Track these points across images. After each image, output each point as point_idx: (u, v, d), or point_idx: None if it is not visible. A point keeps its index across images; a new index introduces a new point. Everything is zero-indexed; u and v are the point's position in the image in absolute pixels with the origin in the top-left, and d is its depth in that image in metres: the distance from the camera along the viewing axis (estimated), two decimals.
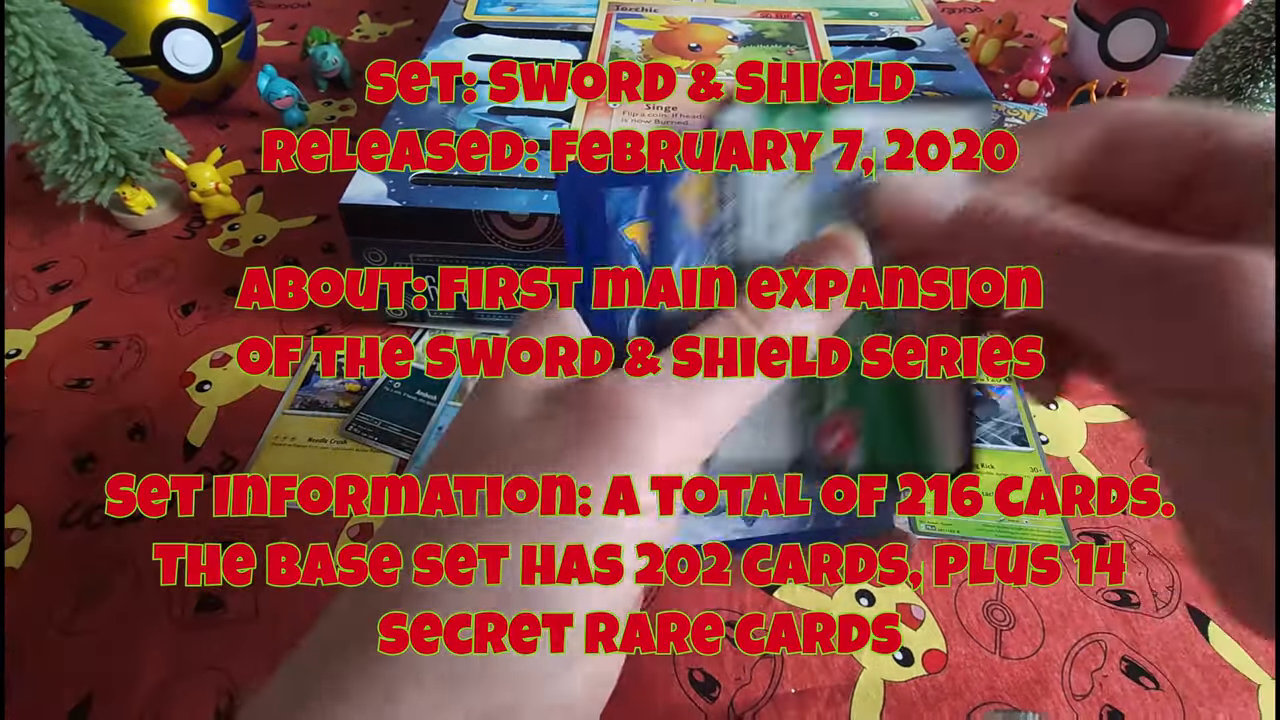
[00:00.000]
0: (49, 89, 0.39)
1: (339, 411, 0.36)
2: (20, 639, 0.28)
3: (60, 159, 0.41)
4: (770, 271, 0.20)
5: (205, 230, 0.47)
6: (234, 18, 0.53)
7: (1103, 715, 0.27)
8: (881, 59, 0.47)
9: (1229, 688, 0.27)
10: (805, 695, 0.27)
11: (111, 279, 0.43)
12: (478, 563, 0.15)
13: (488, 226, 0.34)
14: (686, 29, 0.49)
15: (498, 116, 0.40)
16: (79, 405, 0.36)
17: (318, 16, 0.72)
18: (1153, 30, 0.53)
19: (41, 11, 0.38)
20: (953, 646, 0.28)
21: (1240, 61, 0.44)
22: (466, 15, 0.51)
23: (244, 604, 0.28)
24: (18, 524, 0.31)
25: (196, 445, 0.35)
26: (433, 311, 0.39)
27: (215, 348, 0.39)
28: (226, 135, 0.55)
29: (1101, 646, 0.28)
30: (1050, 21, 0.74)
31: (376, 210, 0.34)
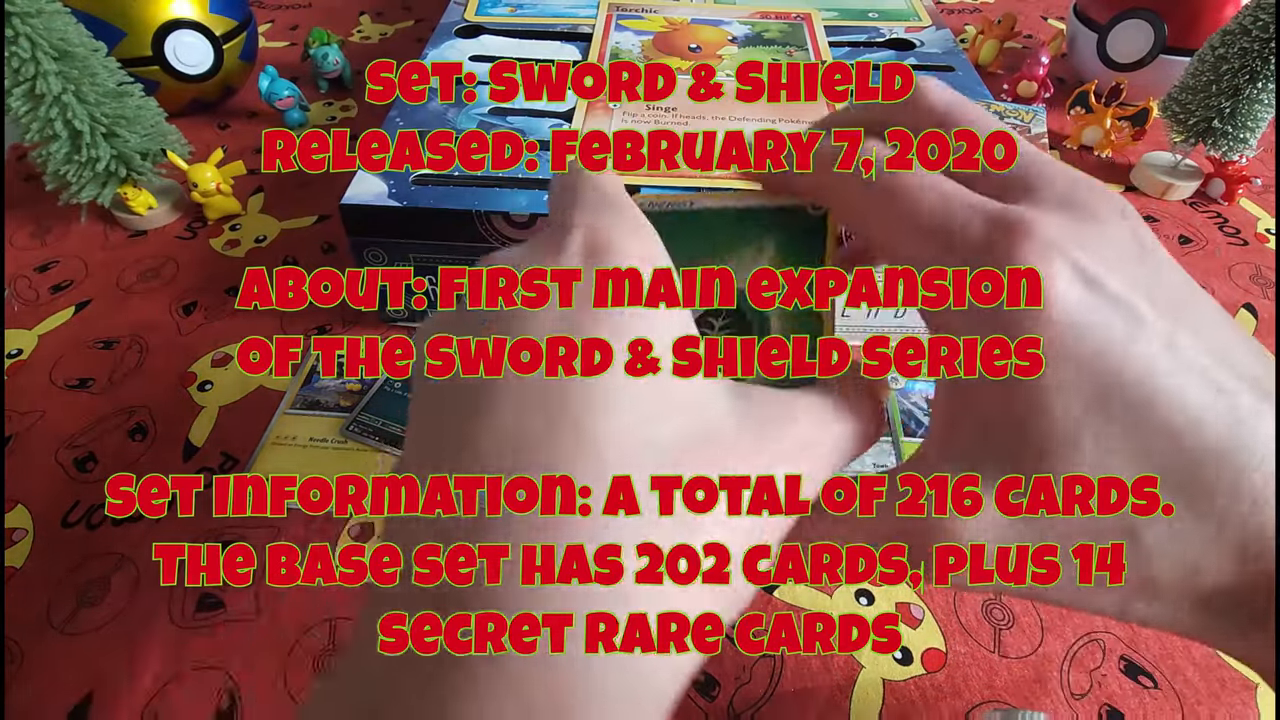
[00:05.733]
0: (50, 90, 0.39)
1: (339, 411, 0.36)
2: (20, 639, 0.28)
3: (62, 159, 0.41)
4: (770, 272, 0.20)
5: (206, 230, 0.47)
6: (235, 19, 0.53)
7: (1102, 714, 0.27)
8: (881, 59, 0.47)
9: (1227, 687, 0.27)
10: (805, 695, 0.27)
11: (112, 279, 0.43)
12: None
13: (488, 226, 0.34)
14: (686, 30, 0.49)
15: (498, 117, 0.40)
16: (79, 405, 0.36)
17: (318, 17, 0.73)
18: (1151, 31, 0.53)
19: (43, 12, 0.38)
20: (952, 646, 0.28)
21: (1239, 62, 0.44)
22: (467, 16, 0.51)
23: (244, 604, 0.28)
24: (18, 523, 0.31)
25: (197, 445, 0.35)
26: (433, 311, 0.39)
27: (216, 348, 0.39)
28: (227, 136, 0.56)
29: (1100, 645, 0.29)
30: (1049, 22, 0.74)
31: (377, 210, 0.34)
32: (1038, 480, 0.14)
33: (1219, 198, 0.51)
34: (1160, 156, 0.53)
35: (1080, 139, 0.55)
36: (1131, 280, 0.14)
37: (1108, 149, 0.54)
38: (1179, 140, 0.48)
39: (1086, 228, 0.14)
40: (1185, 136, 0.48)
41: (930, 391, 0.37)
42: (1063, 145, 0.56)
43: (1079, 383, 0.13)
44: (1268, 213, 0.50)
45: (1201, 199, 0.51)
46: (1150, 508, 0.14)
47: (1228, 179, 0.50)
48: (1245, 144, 0.46)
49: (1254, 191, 0.52)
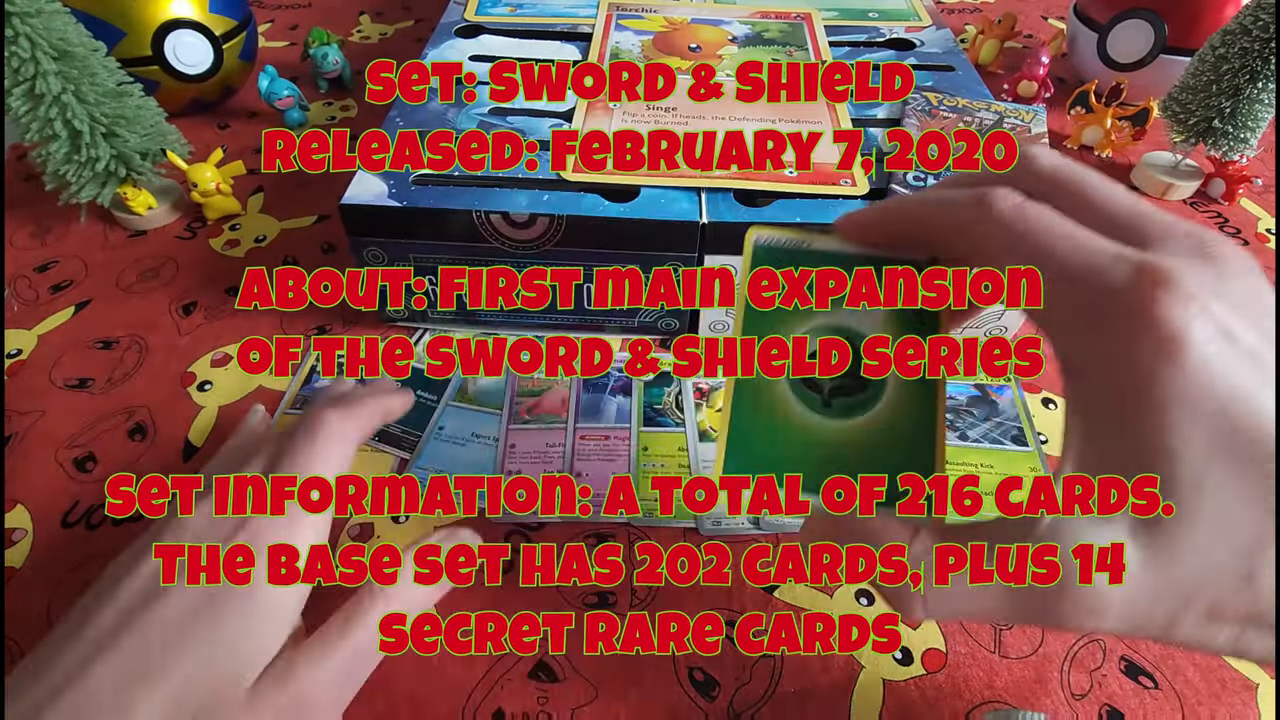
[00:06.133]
0: (50, 89, 0.39)
1: None
2: (20, 639, 0.28)
3: (61, 159, 0.41)
4: (770, 272, 0.20)
5: (206, 230, 0.47)
6: (235, 18, 0.53)
7: (1102, 714, 0.27)
8: (881, 59, 0.47)
9: (1228, 687, 0.27)
10: (805, 695, 0.27)
11: (112, 279, 0.43)
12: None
13: (488, 226, 0.34)
14: (686, 29, 0.49)
15: (498, 117, 0.40)
16: (79, 405, 0.36)
17: (318, 17, 0.73)
18: (1152, 31, 0.53)
19: (43, 12, 0.38)
20: (952, 646, 0.28)
21: (1239, 62, 0.44)
22: (467, 16, 0.51)
23: None
24: (18, 524, 0.31)
25: (197, 445, 0.35)
26: (433, 311, 0.39)
27: (216, 348, 0.39)
28: (227, 135, 0.56)
29: (1100, 646, 0.28)
30: (1049, 22, 0.74)
31: (377, 210, 0.34)
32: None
33: (1219, 198, 0.51)
34: (1160, 156, 0.53)
35: (1080, 139, 0.55)
36: (1265, 334, 0.15)
37: (1108, 149, 0.54)
38: (1179, 140, 0.48)
39: (1223, 282, 0.15)
40: (1185, 136, 0.48)
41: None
42: (1063, 145, 0.56)
43: (1205, 428, 0.14)
44: (1268, 213, 0.50)
45: (1202, 199, 0.51)
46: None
47: (1228, 179, 0.50)
48: (1245, 144, 0.46)
49: (1254, 191, 0.52)
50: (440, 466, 0.33)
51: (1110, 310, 0.15)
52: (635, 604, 0.29)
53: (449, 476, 0.33)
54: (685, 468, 0.33)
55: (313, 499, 0.23)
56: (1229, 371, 0.14)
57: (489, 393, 0.37)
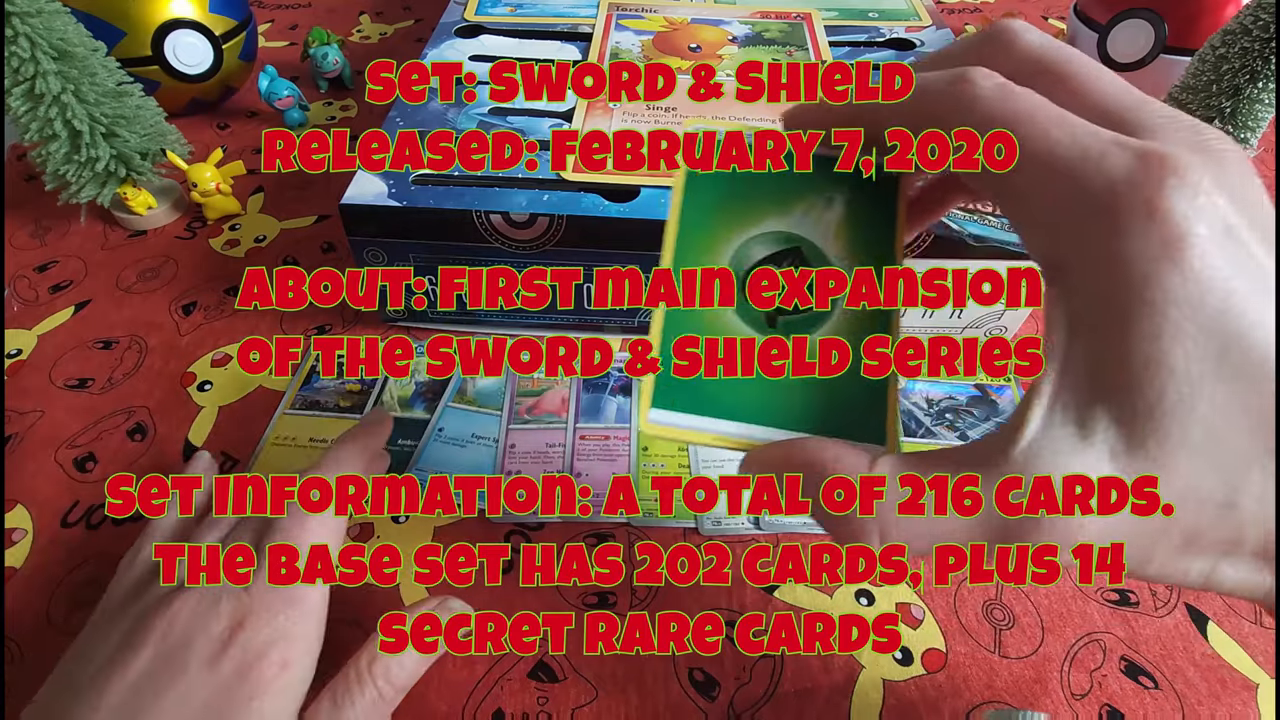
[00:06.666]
0: (50, 89, 0.39)
1: (339, 411, 0.36)
2: (20, 639, 0.28)
3: (61, 159, 0.41)
4: (770, 271, 0.20)
5: (206, 230, 0.47)
6: (235, 18, 0.53)
7: (1102, 714, 0.27)
8: (881, 59, 0.47)
9: (1228, 687, 0.27)
10: (805, 695, 0.27)
11: (112, 279, 0.43)
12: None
13: (488, 226, 0.34)
14: (686, 29, 0.49)
15: (498, 117, 0.40)
16: (79, 405, 0.36)
17: (318, 17, 0.73)
18: (1152, 31, 0.53)
19: (42, 12, 0.38)
20: (952, 646, 0.28)
21: (1239, 62, 0.44)
22: (467, 16, 0.51)
23: None
24: (18, 524, 0.31)
25: (197, 445, 0.35)
26: (433, 311, 0.39)
27: (216, 348, 0.39)
28: (227, 135, 0.56)
29: (1101, 646, 0.28)
30: (1049, 22, 0.74)
31: (377, 210, 0.34)
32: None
33: None
34: None
35: None
36: (1263, 232, 0.14)
37: None
38: None
39: (1224, 177, 0.14)
40: None
41: (930, 392, 0.37)
42: None
43: (1200, 337, 0.13)
44: None
45: None
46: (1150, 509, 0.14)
47: None
48: (1246, 144, 0.46)
49: None
50: (440, 467, 0.33)
51: (1106, 202, 0.13)
52: (635, 604, 0.29)
53: (449, 477, 0.33)
54: (685, 468, 0.33)
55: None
56: (1228, 275, 0.13)
57: (488, 394, 0.37)
